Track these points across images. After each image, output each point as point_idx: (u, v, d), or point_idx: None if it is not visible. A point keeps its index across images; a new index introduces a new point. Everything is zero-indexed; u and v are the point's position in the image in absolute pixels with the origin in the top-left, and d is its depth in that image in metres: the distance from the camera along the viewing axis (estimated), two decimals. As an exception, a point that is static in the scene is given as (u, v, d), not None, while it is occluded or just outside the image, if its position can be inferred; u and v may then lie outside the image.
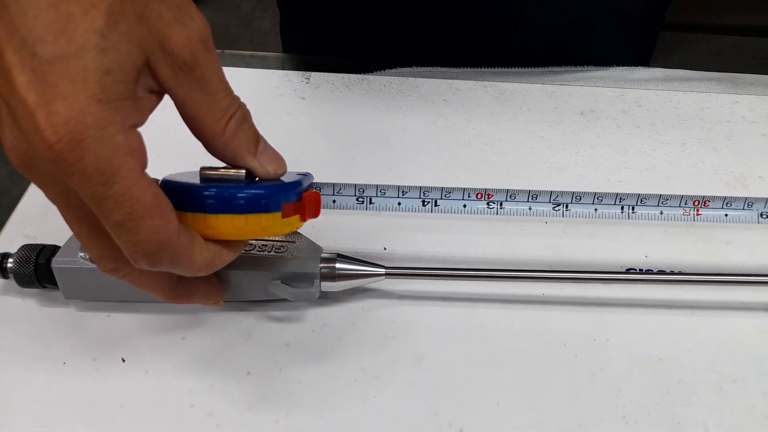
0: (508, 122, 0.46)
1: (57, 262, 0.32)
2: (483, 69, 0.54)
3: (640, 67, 0.57)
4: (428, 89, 0.49)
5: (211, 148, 0.26)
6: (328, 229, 0.36)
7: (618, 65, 0.56)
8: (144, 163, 0.22)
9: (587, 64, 0.56)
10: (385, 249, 0.37)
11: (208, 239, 0.25)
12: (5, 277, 0.33)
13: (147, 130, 0.23)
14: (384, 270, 0.32)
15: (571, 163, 0.43)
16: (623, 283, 0.34)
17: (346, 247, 0.34)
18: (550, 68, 0.55)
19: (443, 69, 0.53)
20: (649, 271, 0.35)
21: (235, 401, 0.30)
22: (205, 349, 0.32)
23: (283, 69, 0.52)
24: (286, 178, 0.27)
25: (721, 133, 0.46)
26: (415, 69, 0.53)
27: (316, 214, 0.28)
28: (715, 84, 0.56)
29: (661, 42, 0.78)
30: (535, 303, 0.35)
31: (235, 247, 0.27)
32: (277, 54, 0.57)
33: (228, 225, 0.25)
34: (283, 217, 0.26)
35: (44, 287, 0.34)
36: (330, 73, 0.50)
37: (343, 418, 0.30)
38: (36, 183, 0.23)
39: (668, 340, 0.33)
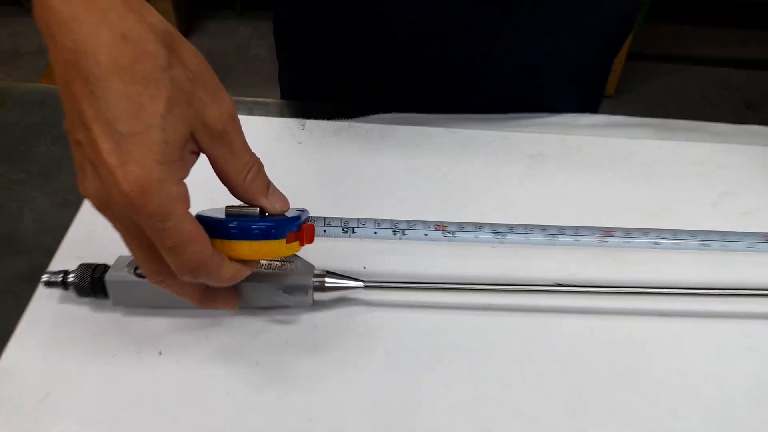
0: (468, 164, 0.57)
1: (109, 277, 0.42)
2: (451, 115, 0.64)
3: (585, 113, 0.68)
4: (404, 135, 0.60)
5: (235, 192, 0.36)
6: (320, 252, 0.46)
7: (567, 112, 0.67)
8: (188, 205, 0.32)
9: (540, 111, 0.66)
10: (364, 267, 0.47)
11: (231, 259, 0.35)
12: (65, 288, 0.43)
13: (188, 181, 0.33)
14: (363, 283, 0.42)
15: (519, 199, 0.54)
16: (552, 294, 0.44)
17: (333, 265, 0.44)
18: (508, 114, 0.66)
19: (418, 115, 0.64)
20: (572, 285, 0.45)
21: (247, 383, 0.40)
22: (223, 344, 0.42)
23: (282, 116, 0.63)
24: (288, 214, 0.37)
25: (643, 175, 0.57)
26: (394, 115, 0.63)
27: (311, 241, 0.38)
28: (647, 129, 0.66)
29: (638, 69, 0.87)
30: (481, 309, 0.45)
31: (251, 265, 0.37)
32: (276, 101, 0.68)
33: (247, 249, 0.35)
34: (287, 242, 0.36)
35: (96, 297, 0.43)
36: (322, 120, 0.60)
37: (329, 397, 0.39)
38: (110, 219, 0.32)
39: (585, 340, 0.43)
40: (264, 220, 0.35)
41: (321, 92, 0.70)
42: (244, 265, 0.36)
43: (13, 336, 0.42)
